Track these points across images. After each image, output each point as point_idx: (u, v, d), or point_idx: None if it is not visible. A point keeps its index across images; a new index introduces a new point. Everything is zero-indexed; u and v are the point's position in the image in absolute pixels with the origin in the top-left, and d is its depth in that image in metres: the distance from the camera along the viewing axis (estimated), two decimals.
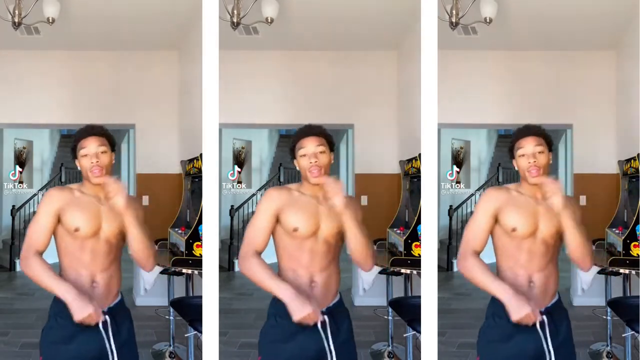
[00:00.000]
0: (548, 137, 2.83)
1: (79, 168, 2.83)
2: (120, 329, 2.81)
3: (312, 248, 2.77)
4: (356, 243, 2.76)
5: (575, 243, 2.73)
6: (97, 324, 2.74)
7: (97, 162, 2.77)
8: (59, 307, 2.76)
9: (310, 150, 2.78)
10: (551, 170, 2.89)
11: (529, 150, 2.78)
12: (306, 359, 2.76)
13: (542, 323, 2.75)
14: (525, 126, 2.84)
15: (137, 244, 2.78)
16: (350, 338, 2.85)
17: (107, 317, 2.76)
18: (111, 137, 2.89)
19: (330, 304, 2.79)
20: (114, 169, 2.89)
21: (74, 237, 2.76)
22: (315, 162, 2.76)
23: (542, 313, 2.75)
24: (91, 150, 2.79)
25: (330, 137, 2.85)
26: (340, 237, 2.80)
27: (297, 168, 2.83)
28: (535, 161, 2.75)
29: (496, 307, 2.78)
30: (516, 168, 2.83)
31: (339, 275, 2.84)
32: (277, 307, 2.76)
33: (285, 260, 2.80)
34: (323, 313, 2.76)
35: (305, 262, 2.77)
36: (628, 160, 5.34)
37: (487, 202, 2.80)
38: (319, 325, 2.74)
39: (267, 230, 2.78)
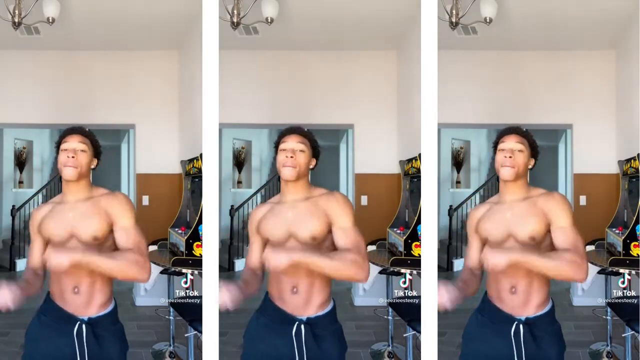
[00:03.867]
0: (532, 142, 2.82)
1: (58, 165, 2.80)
2: (100, 343, 2.76)
3: None
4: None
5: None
6: (72, 330, 2.73)
7: (73, 157, 2.75)
8: (46, 305, 2.79)
9: (289, 145, 2.79)
10: (551, 170, 2.89)
11: (508, 145, 2.78)
12: None
13: (516, 332, 2.73)
14: (511, 126, 2.85)
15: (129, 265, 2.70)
16: (332, 356, 2.77)
17: (83, 326, 2.74)
18: (95, 141, 2.84)
19: (312, 314, 2.76)
20: (113, 169, 2.89)
21: (53, 245, 2.73)
22: (291, 157, 2.76)
23: (521, 322, 2.74)
24: (71, 145, 2.77)
25: (314, 142, 2.85)
26: (324, 240, 2.76)
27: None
28: (511, 157, 2.75)
29: (483, 304, 2.83)
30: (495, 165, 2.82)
31: (325, 286, 2.77)
32: (264, 303, 2.81)
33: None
34: (302, 322, 2.74)
35: (288, 268, 2.69)
36: (628, 160, 5.34)
37: (469, 223, 2.86)
38: (293, 332, 2.73)
39: (256, 250, 2.82)
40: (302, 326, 2.74)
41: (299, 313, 2.75)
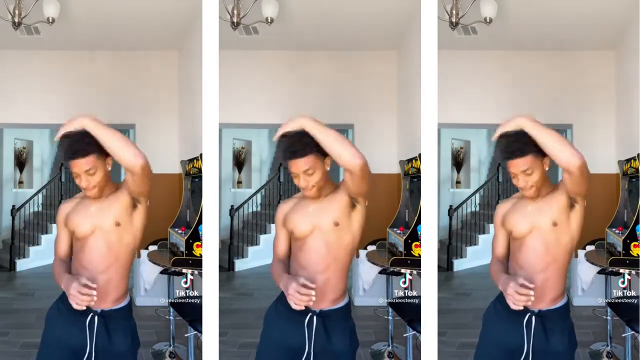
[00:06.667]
0: (536, 149, 2.80)
1: None
2: (111, 336, 2.84)
3: (310, 247, 2.84)
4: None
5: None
6: (85, 321, 2.81)
7: (87, 184, 2.83)
8: (65, 294, 2.85)
9: (296, 171, 2.81)
10: (551, 170, 2.90)
11: (517, 171, 2.83)
12: (289, 350, 2.85)
13: (528, 322, 2.80)
14: (507, 147, 2.82)
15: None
16: (343, 351, 2.86)
17: (96, 317, 2.81)
18: (96, 150, 2.85)
19: (326, 307, 2.84)
20: (113, 169, 2.91)
21: (76, 238, 2.87)
22: (305, 184, 2.82)
23: (534, 314, 2.80)
24: (79, 171, 2.84)
25: (315, 149, 2.79)
26: (342, 234, 2.83)
27: None
28: (526, 183, 2.83)
29: (501, 295, 2.88)
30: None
31: (341, 281, 2.87)
32: (282, 293, 2.86)
33: (292, 262, 2.90)
34: (315, 314, 2.83)
35: (304, 262, 2.85)
36: (628, 160, 5.34)
37: (496, 215, 2.97)
38: (306, 322, 2.78)
39: (282, 240, 2.92)
40: (315, 317, 2.82)
41: (313, 305, 2.82)
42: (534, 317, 2.81)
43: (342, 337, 2.86)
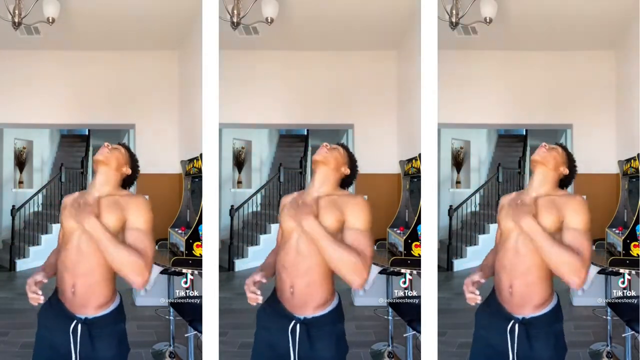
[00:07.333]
0: (569, 157, 2.99)
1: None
2: (94, 343, 2.78)
3: (291, 246, 2.81)
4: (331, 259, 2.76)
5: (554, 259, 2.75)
6: (69, 328, 2.77)
7: (108, 146, 2.95)
8: (53, 298, 2.86)
9: (331, 144, 2.94)
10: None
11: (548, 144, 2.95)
12: (279, 355, 2.83)
13: (512, 329, 2.77)
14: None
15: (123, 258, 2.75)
16: (328, 359, 2.82)
17: (79, 325, 2.75)
18: (132, 155, 3.11)
19: (310, 315, 2.79)
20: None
21: (63, 233, 2.83)
22: (326, 144, 2.91)
23: (517, 322, 2.77)
24: (110, 143, 2.99)
25: (351, 155, 2.99)
26: (334, 236, 2.80)
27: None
28: (546, 145, 2.91)
29: (491, 296, 2.92)
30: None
31: (324, 287, 2.81)
32: (272, 295, 2.90)
33: (278, 261, 2.87)
34: (299, 321, 2.79)
35: (286, 263, 2.82)
36: (628, 160, 5.34)
37: (498, 208, 2.99)
38: (290, 329, 2.75)
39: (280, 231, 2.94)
40: (298, 325, 2.78)
41: (297, 312, 2.80)
42: (517, 325, 2.77)
43: (328, 343, 2.80)
